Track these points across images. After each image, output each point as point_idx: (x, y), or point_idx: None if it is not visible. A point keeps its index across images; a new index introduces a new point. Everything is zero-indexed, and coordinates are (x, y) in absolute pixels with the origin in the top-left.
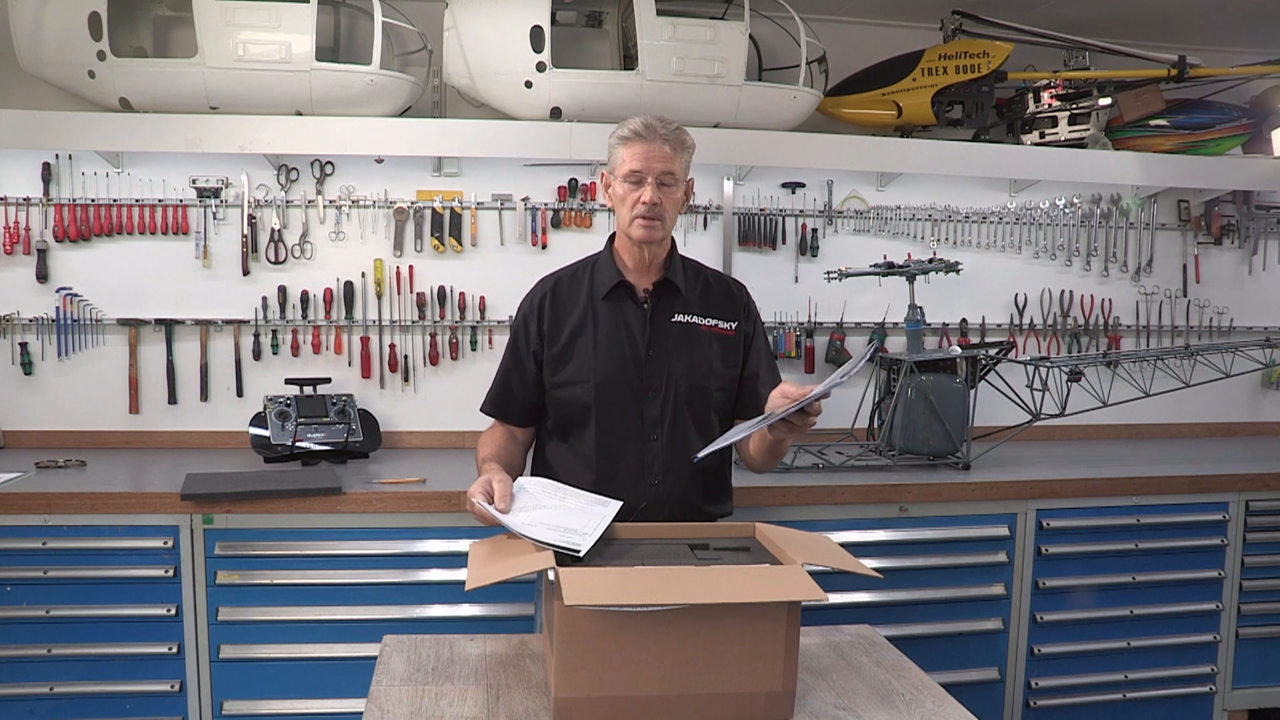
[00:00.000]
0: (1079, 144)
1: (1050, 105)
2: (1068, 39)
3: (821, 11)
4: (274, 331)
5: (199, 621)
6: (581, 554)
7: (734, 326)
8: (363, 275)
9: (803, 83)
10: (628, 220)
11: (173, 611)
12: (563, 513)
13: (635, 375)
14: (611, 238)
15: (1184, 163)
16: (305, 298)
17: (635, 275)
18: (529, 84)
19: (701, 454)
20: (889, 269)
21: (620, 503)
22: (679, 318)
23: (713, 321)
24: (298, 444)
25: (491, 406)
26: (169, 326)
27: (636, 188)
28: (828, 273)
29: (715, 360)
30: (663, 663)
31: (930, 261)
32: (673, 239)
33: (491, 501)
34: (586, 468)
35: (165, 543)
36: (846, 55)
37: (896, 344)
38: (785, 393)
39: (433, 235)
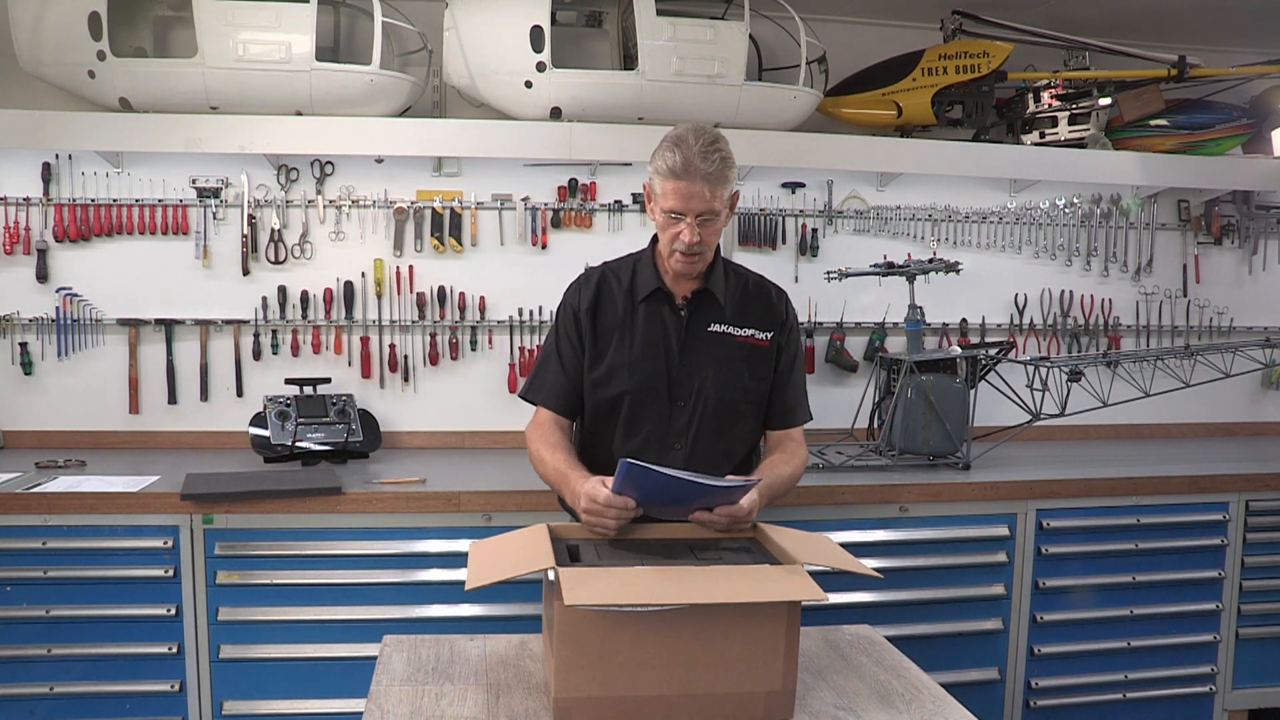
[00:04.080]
0: (1079, 144)
1: (1050, 105)
2: (1068, 39)
3: (821, 11)
4: (274, 331)
5: (199, 621)
6: None
7: (769, 337)
8: (363, 275)
9: (803, 83)
10: (667, 250)
11: (173, 611)
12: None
13: (666, 383)
14: (655, 238)
15: (1184, 163)
16: (305, 298)
17: (674, 282)
18: (529, 84)
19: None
20: (889, 269)
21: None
22: (715, 327)
23: (749, 332)
24: (298, 444)
25: (535, 390)
26: (169, 326)
27: (676, 223)
28: (828, 273)
29: (746, 373)
30: (663, 663)
31: (930, 261)
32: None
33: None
34: (612, 468)
35: (165, 543)
36: (846, 55)
37: (896, 344)
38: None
39: (433, 235)
